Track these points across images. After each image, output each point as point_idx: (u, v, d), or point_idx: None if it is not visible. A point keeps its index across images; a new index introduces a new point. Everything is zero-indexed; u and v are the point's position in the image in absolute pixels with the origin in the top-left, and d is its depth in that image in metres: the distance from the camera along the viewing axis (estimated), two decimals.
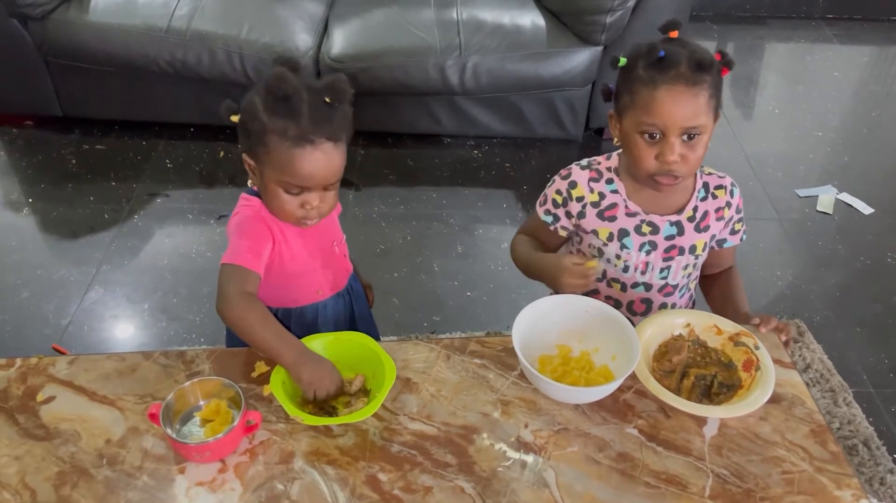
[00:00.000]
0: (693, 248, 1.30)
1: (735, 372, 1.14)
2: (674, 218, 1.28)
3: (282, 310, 1.28)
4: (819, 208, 2.61)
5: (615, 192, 1.29)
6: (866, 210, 2.60)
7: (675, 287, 1.34)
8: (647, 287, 1.34)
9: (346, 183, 2.60)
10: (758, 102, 3.25)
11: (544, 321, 1.17)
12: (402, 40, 2.57)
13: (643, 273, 1.32)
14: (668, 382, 1.12)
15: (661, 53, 1.12)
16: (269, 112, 1.08)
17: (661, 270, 1.31)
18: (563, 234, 1.37)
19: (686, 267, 1.32)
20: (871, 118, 3.16)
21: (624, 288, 1.35)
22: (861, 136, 3.04)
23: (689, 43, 1.15)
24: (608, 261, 1.32)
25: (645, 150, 1.17)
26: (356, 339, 1.16)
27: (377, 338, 1.31)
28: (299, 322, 1.30)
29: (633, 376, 1.10)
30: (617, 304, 1.36)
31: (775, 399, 1.11)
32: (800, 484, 1.02)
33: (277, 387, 1.07)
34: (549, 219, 1.36)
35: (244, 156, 1.15)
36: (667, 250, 1.29)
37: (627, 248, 1.30)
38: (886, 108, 3.23)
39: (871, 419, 1.87)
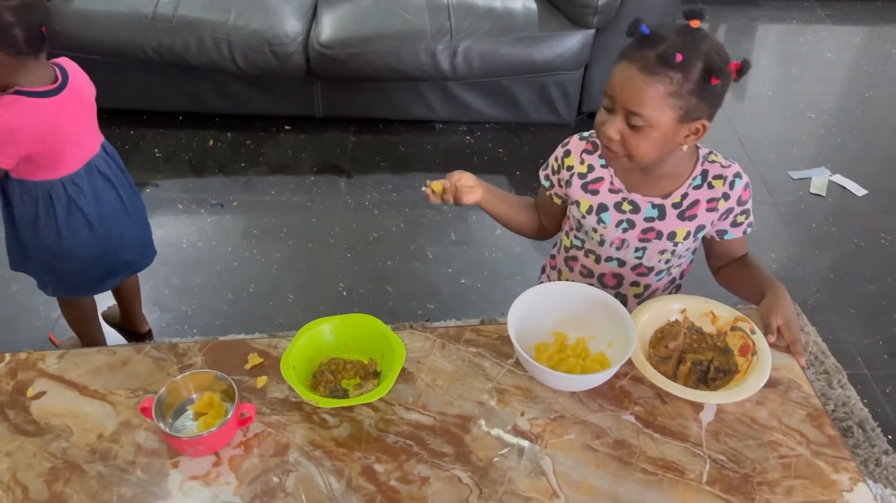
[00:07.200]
0: (672, 235, 1.27)
1: (731, 357, 1.14)
2: (657, 201, 1.26)
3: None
4: (812, 190, 2.60)
5: (605, 167, 1.29)
6: (859, 192, 2.60)
7: (649, 269, 1.34)
8: (621, 263, 1.34)
9: (337, 170, 2.61)
10: (751, 84, 3.23)
11: (540, 308, 1.16)
12: (393, 25, 2.54)
13: (618, 249, 1.32)
14: (664, 368, 1.12)
15: (644, 30, 1.11)
16: None
17: (637, 250, 1.31)
18: (557, 201, 1.39)
19: (663, 252, 1.30)
20: (865, 99, 3.15)
21: (598, 260, 1.36)
22: (854, 117, 3.03)
23: (694, 37, 1.10)
24: (587, 233, 1.33)
25: (600, 118, 1.19)
26: (364, 322, 1.16)
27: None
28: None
29: (630, 363, 1.09)
30: (589, 274, 1.38)
31: (772, 383, 1.11)
32: (797, 468, 1.02)
33: (288, 372, 1.06)
34: (547, 184, 1.39)
35: None
36: (644, 231, 1.28)
37: (604, 222, 1.29)
38: (880, 88, 3.23)
39: (865, 401, 1.87)
